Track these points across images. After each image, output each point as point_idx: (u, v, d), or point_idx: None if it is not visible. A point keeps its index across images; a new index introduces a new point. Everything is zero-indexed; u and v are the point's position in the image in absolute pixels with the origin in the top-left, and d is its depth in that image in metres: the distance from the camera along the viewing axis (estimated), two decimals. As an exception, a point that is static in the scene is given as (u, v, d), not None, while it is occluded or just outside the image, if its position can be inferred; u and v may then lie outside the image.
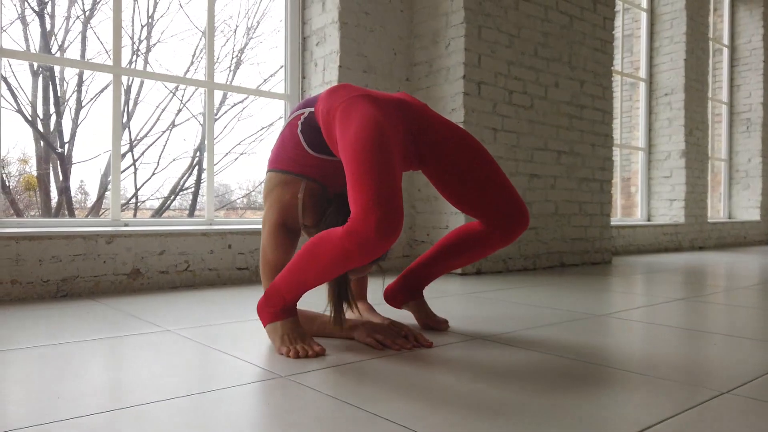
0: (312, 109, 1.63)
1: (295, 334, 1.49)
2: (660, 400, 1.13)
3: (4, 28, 3.16)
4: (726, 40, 7.08)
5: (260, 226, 3.06)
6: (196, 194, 5.43)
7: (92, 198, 5.05)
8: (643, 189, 5.93)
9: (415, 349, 1.52)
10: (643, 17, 5.93)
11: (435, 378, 1.28)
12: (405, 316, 1.96)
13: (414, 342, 1.55)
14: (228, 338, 1.65)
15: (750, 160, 6.99)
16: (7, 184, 4.54)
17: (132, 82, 5.00)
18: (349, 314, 1.78)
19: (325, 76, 3.41)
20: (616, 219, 5.67)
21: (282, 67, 3.62)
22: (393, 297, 1.88)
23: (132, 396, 1.13)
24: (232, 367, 1.35)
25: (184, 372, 1.31)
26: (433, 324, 1.78)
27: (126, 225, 2.83)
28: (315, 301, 2.14)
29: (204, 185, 3.36)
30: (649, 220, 5.90)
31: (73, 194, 4.83)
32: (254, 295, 2.49)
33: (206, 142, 3.26)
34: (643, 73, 5.91)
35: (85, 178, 5.24)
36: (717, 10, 7.06)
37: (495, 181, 1.64)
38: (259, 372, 1.31)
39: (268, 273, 1.66)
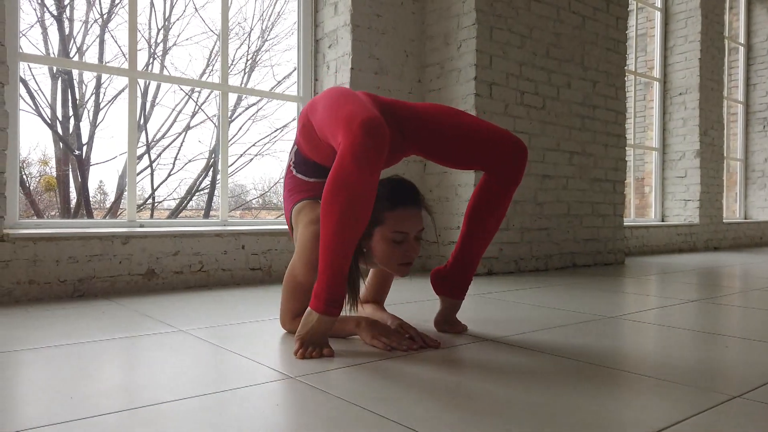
0: (296, 148, 1.78)
1: (318, 338, 1.48)
2: (672, 403, 1.14)
3: (23, 33, 3.23)
4: (742, 39, 7.00)
5: (273, 227, 3.09)
6: (211, 195, 5.49)
7: (111, 198, 5.13)
8: (657, 189, 5.89)
9: (423, 350, 1.54)
10: (657, 16, 5.89)
11: (444, 380, 1.29)
12: (413, 317, 1.97)
13: (421, 343, 1.56)
14: (240, 339, 1.68)
15: (766, 159, 6.91)
16: (27, 185, 4.62)
17: (149, 84, 5.07)
18: (355, 313, 1.80)
19: (337, 79, 3.43)
20: (630, 219, 5.64)
21: (295, 69, 3.65)
22: (436, 282, 1.82)
23: (145, 396, 1.16)
24: (243, 368, 1.38)
25: (196, 372, 1.34)
26: (450, 330, 1.79)
27: (141, 226, 2.88)
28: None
29: (218, 186, 3.40)
30: (663, 221, 5.86)
31: (92, 195, 4.91)
32: (267, 295, 2.52)
33: (220, 145, 3.30)
34: (657, 72, 5.87)
35: (104, 179, 5.33)
36: (732, 8, 6.99)
37: (479, 128, 1.69)
38: (269, 373, 1.34)
39: (292, 292, 1.66)
